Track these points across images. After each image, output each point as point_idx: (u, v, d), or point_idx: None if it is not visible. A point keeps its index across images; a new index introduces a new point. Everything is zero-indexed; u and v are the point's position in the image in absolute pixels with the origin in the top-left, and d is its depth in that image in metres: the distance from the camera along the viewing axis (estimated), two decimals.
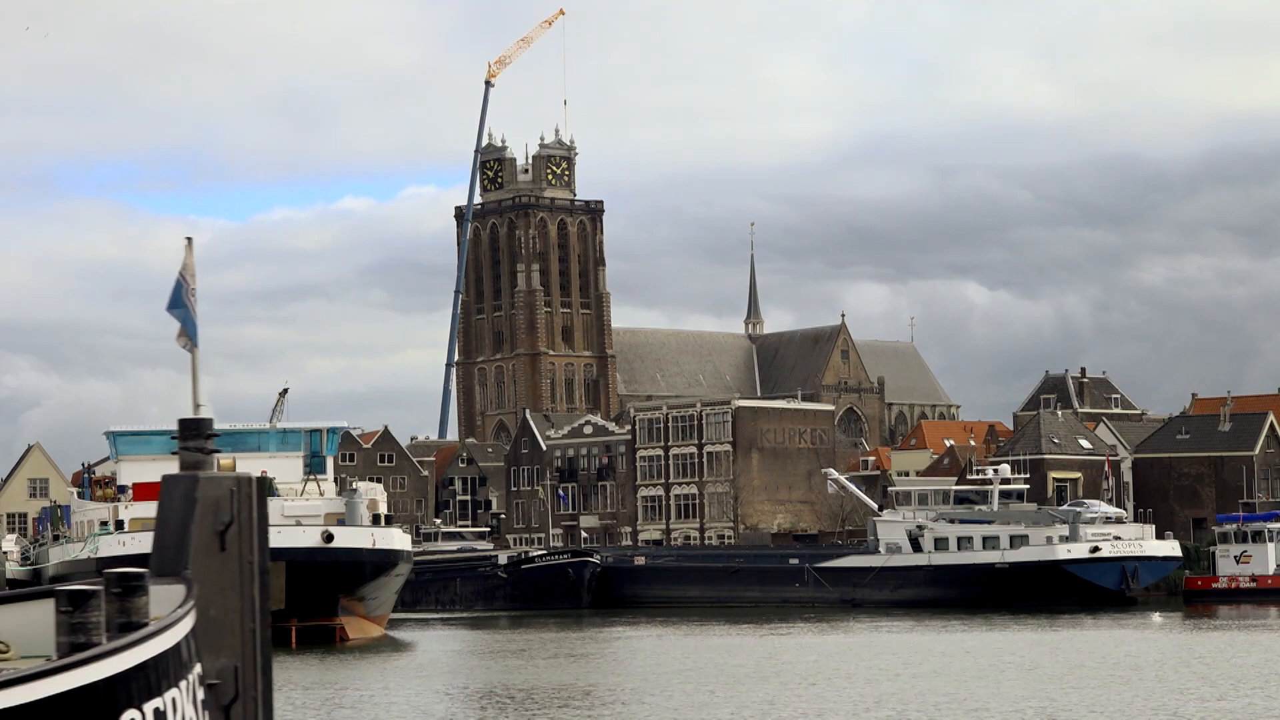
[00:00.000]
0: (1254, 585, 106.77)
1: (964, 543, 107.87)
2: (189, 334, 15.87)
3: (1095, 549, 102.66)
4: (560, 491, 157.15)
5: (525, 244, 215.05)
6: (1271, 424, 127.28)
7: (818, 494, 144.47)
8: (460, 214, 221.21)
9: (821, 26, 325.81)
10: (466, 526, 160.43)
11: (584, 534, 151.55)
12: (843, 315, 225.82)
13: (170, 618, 12.14)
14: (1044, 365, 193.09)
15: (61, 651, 11.30)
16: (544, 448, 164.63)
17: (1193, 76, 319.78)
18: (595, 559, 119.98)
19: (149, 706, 11.47)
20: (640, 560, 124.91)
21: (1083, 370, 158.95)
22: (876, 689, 47.17)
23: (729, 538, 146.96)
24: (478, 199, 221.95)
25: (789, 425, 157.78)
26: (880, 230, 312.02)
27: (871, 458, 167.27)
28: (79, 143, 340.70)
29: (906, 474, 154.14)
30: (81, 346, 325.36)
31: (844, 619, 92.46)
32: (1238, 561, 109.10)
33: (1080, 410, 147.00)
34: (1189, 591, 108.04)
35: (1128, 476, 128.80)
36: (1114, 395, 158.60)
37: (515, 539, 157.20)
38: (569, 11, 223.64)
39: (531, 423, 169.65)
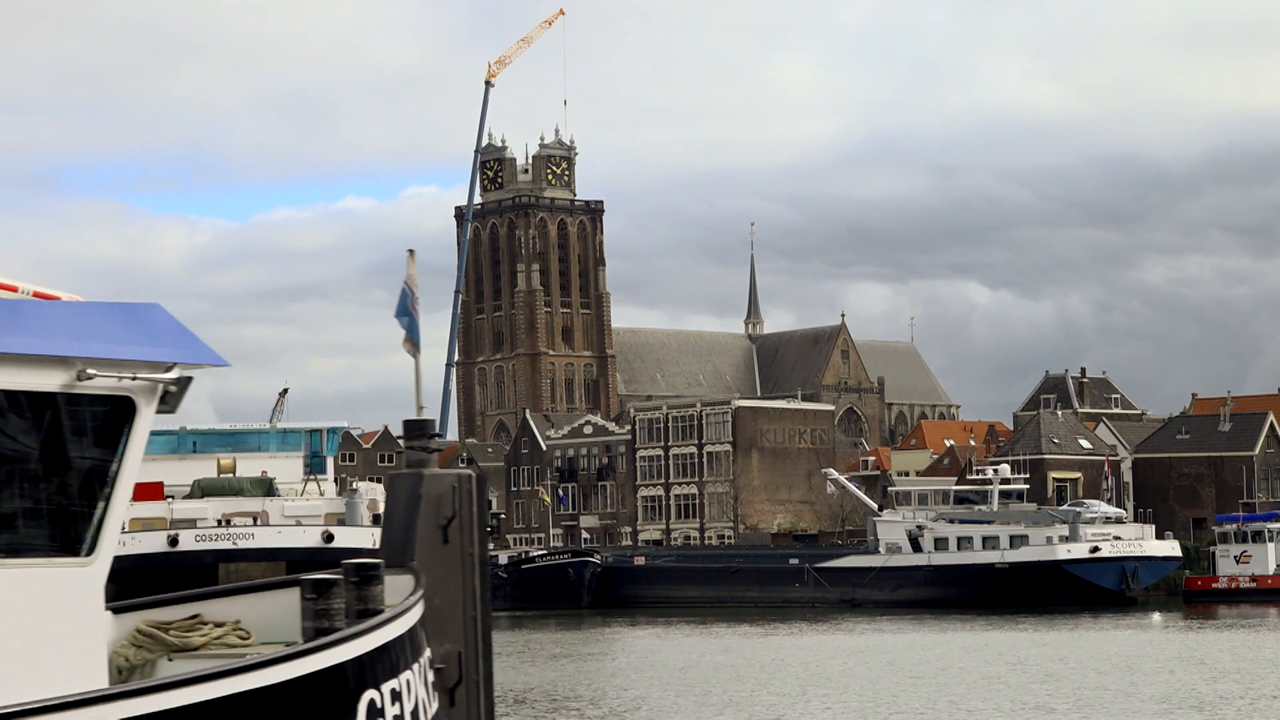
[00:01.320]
0: (1254, 585, 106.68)
1: (964, 543, 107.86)
2: (413, 340, 16.84)
3: (1095, 549, 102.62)
4: (560, 492, 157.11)
5: (525, 244, 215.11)
6: (1271, 424, 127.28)
7: (818, 494, 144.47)
8: (460, 214, 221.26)
9: (823, 26, 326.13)
10: None
11: (584, 534, 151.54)
12: (843, 315, 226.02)
13: (403, 605, 13.01)
14: (1046, 365, 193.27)
15: (307, 636, 12.11)
16: (544, 448, 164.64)
17: (1196, 76, 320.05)
18: (595, 559, 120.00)
19: (386, 687, 12.25)
20: (640, 560, 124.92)
21: (1083, 370, 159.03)
22: (875, 690, 47.18)
23: (729, 538, 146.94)
24: (478, 199, 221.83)
25: (789, 425, 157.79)
26: (882, 230, 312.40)
27: (871, 458, 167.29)
28: (80, 143, 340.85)
29: (906, 474, 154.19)
30: None
31: (844, 619, 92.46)
32: (1238, 561, 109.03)
33: (1080, 410, 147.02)
34: (1189, 591, 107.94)
35: (1128, 476, 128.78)
36: (1114, 395, 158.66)
37: (515, 539, 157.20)
38: (569, 11, 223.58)
39: (531, 423, 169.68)
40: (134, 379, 11.35)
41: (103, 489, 11.27)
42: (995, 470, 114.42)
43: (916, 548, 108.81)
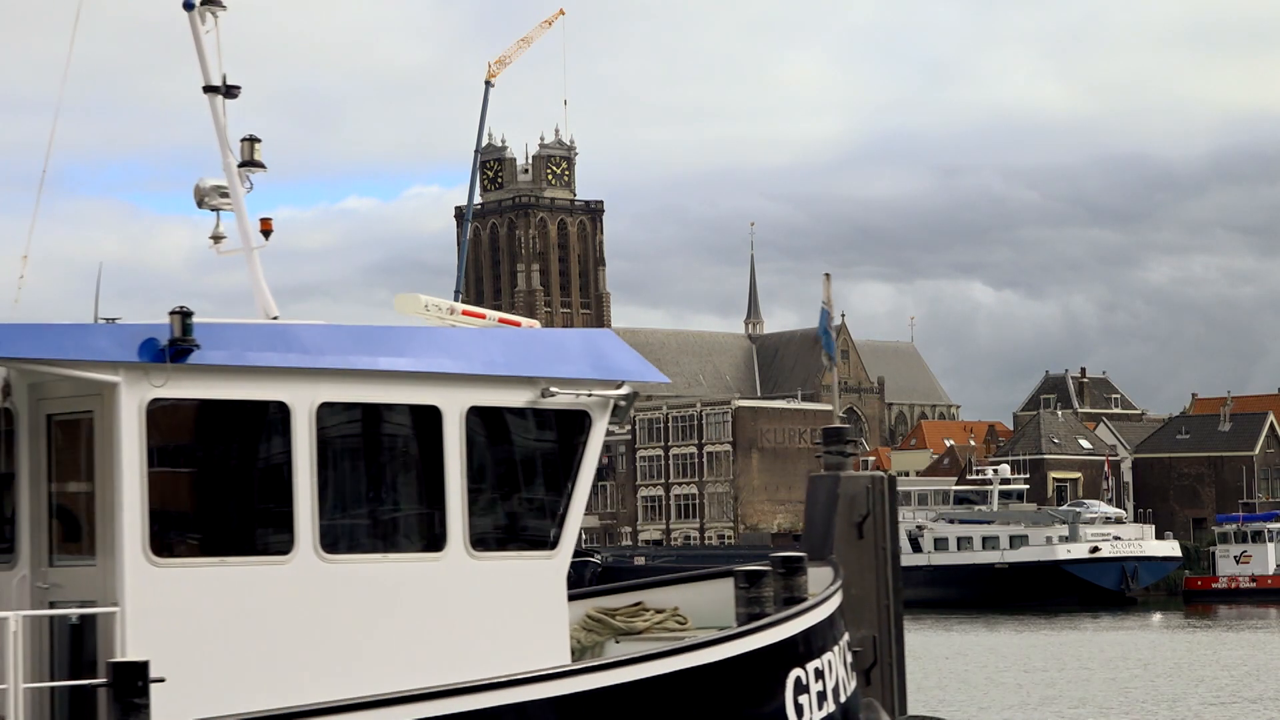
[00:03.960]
0: (1254, 585, 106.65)
1: (964, 543, 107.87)
2: (829, 356, 18.73)
3: (1095, 549, 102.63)
4: None
5: (525, 244, 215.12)
6: (1271, 424, 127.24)
7: None
8: (460, 214, 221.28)
9: (830, 25, 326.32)
10: None
11: (584, 534, 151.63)
12: (843, 315, 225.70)
13: (824, 594, 14.58)
14: (1050, 366, 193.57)
15: (741, 621, 13.73)
16: None
17: (1201, 76, 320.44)
18: (596, 559, 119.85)
19: (811, 666, 13.88)
20: (640, 560, 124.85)
21: (1083, 370, 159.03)
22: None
23: (729, 538, 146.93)
24: (477, 199, 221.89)
25: (789, 425, 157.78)
26: (886, 230, 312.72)
27: (871, 458, 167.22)
28: (83, 143, 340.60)
29: (906, 474, 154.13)
30: None
31: None
32: (1238, 561, 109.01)
33: (1080, 410, 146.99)
34: (1189, 591, 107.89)
35: (1128, 476, 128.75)
36: (1114, 395, 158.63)
37: None
38: (569, 11, 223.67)
39: None
40: (589, 395, 13.25)
41: (564, 492, 12.98)
42: (995, 470, 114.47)
43: (916, 548, 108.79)
